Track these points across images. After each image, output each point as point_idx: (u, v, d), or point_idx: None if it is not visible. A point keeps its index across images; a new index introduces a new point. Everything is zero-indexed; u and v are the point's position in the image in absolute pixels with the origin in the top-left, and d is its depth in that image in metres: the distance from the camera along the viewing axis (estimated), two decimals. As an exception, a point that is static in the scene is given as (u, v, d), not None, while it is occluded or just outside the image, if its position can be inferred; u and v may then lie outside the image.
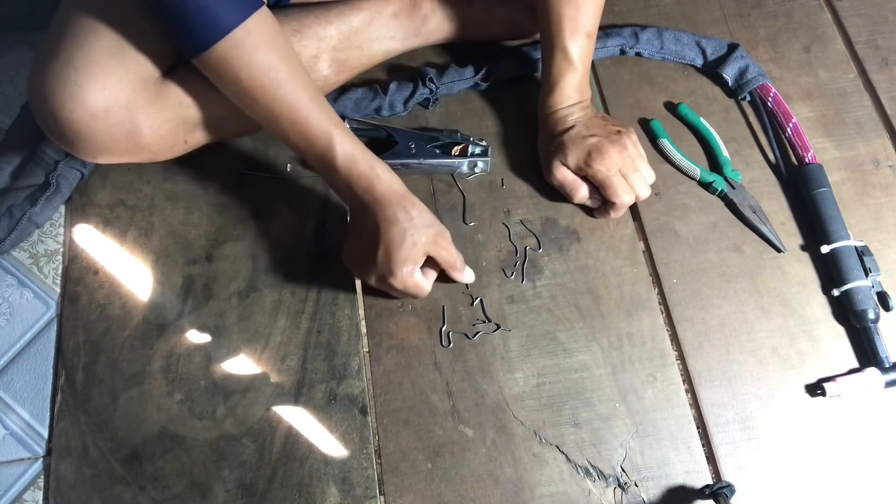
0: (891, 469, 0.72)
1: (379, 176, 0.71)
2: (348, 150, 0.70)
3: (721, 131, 0.88)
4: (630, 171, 0.79)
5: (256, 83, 0.66)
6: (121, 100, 0.69)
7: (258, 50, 0.65)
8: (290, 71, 0.68)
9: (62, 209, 0.84)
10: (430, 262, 0.74)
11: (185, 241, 0.81)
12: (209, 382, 0.75)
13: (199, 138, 0.79)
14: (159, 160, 0.78)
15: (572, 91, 0.81)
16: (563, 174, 0.81)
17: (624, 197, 0.79)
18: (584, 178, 0.81)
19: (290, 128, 0.69)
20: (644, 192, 0.80)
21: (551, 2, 0.78)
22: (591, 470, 0.72)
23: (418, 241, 0.70)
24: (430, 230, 0.72)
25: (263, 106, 0.68)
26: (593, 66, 0.93)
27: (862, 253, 0.79)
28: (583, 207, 0.84)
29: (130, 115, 0.70)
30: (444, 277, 0.76)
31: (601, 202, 0.82)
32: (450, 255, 0.74)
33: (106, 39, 0.67)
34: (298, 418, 0.73)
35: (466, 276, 0.77)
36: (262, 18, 0.66)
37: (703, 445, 0.73)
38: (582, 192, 0.81)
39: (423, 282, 0.73)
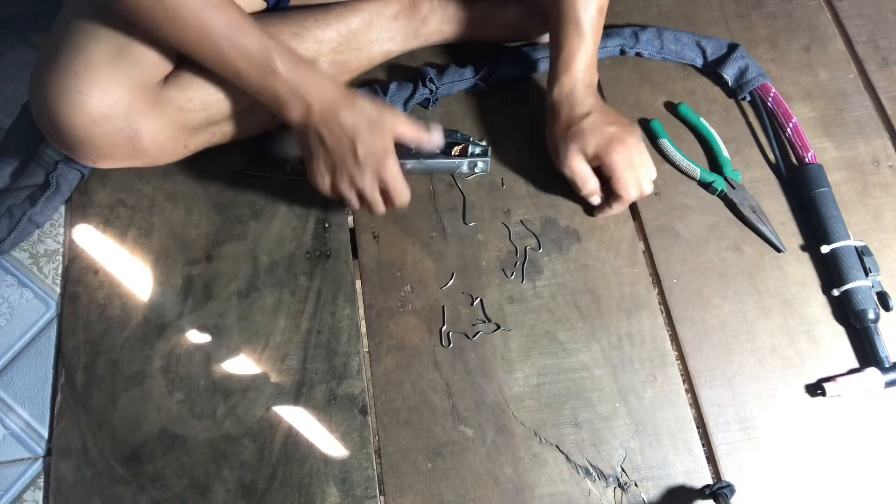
0: (891, 469, 0.72)
1: (323, 77, 0.70)
2: (289, 57, 0.69)
3: (721, 131, 0.88)
4: (640, 166, 0.78)
5: (184, 3, 0.64)
6: (121, 105, 0.69)
7: None
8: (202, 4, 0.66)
9: (62, 209, 0.84)
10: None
11: (185, 241, 0.81)
12: (209, 382, 0.75)
13: (198, 142, 0.79)
14: (159, 164, 0.78)
15: (584, 71, 0.79)
16: (578, 163, 0.79)
17: (632, 191, 0.78)
18: (594, 170, 0.80)
19: (226, 45, 0.67)
20: (649, 189, 0.80)
21: None
22: (591, 470, 0.72)
23: (385, 127, 0.71)
24: (389, 114, 0.72)
25: (194, 27, 0.65)
26: (593, 66, 0.93)
27: (862, 253, 0.79)
28: (584, 206, 0.84)
29: (130, 120, 0.70)
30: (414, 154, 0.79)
31: (604, 198, 0.81)
32: (412, 129, 0.74)
33: (106, 45, 0.68)
34: (298, 418, 0.73)
35: (435, 136, 0.76)
36: None
37: (703, 445, 0.73)
38: (592, 186, 0.80)
39: (405, 184, 0.74)
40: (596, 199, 0.81)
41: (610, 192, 0.80)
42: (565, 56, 0.79)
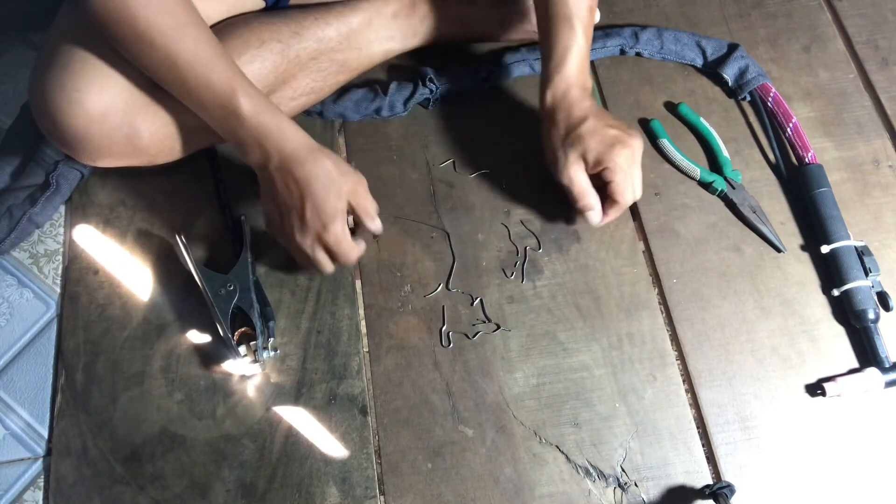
0: (891, 469, 0.72)
1: (289, 128, 0.68)
2: (254, 101, 0.67)
3: (721, 131, 0.88)
4: (636, 170, 0.76)
5: (155, 24, 0.62)
6: (119, 104, 0.69)
7: (131, 7, 0.61)
8: (191, 16, 0.65)
9: (62, 209, 0.84)
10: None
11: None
12: (209, 382, 0.75)
13: (197, 142, 0.79)
14: (158, 163, 0.78)
15: (577, 71, 0.77)
16: (577, 173, 0.76)
17: (628, 196, 0.76)
18: (592, 177, 0.77)
19: (192, 76, 0.65)
20: (640, 194, 0.78)
21: None
22: (591, 470, 0.72)
23: (341, 190, 0.69)
24: (350, 178, 0.71)
25: (162, 51, 0.63)
26: (593, 67, 0.93)
27: (862, 253, 0.79)
28: (570, 214, 0.82)
29: (129, 118, 0.70)
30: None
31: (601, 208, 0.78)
32: (367, 202, 0.73)
33: (104, 44, 0.67)
34: (298, 418, 0.73)
35: (375, 224, 0.74)
36: None
37: (703, 445, 0.73)
38: (590, 199, 0.76)
39: (354, 244, 0.72)
40: (593, 217, 0.77)
41: (605, 197, 0.77)
42: (557, 55, 0.76)
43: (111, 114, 0.69)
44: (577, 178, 0.76)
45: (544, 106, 0.79)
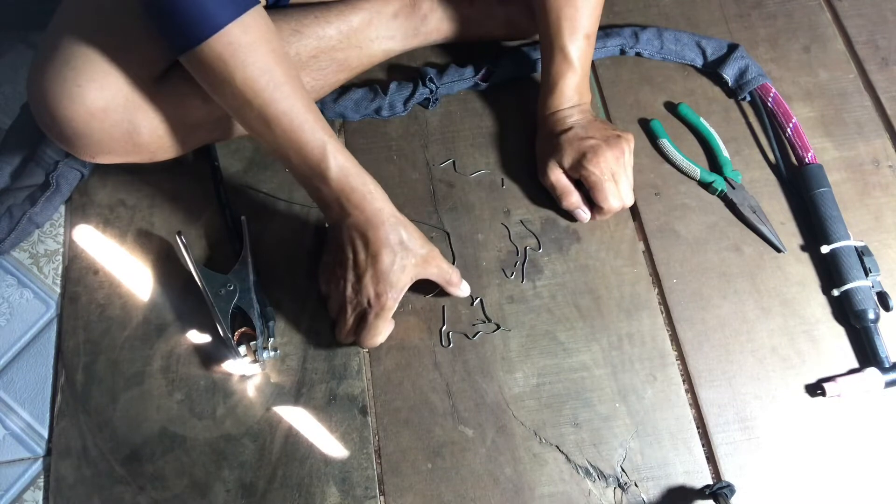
0: (891, 469, 0.72)
1: (372, 192, 0.69)
2: (342, 163, 0.68)
3: (721, 131, 0.88)
4: (622, 177, 0.79)
5: (251, 85, 0.63)
6: (119, 99, 0.69)
7: (254, 49, 0.62)
8: (287, 74, 0.65)
9: (62, 209, 0.84)
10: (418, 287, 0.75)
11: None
12: (209, 382, 0.75)
13: (198, 138, 0.79)
14: (158, 160, 0.77)
15: (571, 92, 0.82)
16: (557, 176, 0.81)
17: (612, 202, 0.79)
18: (577, 182, 0.81)
19: (283, 135, 0.65)
20: (630, 200, 0.80)
21: (550, 2, 0.78)
22: (591, 470, 0.72)
23: (408, 264, 0.70)
24: (420, 252, 0.72)
25: (257, 110, 0.64)
26: (593, 66, 0.93)
27: (862, 253, 0.79)
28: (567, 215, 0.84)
29: (129, 114, 0.70)
30: (443, 292, 0.77)
31: (589, 209, 0.82)
32: (441, 271, 0.74)
33: (104, 39, 0.67)
34: (298, 418, 0.73)
35: (462, 289, 0.77)
36: (257, 16, 0.63)
37: (703, 445, 0.73)
38: (573, 199, 0.81)
39: (388, 325, 0.72)
40: (581, 214, 0.82)
41: (592, 202, 0.81)
42: (552, 80, 0.81)
43: (112, 109, 0.68)
44: (557, 181, 0.81)
45: (538, 118, 0.85)
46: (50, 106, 0.67)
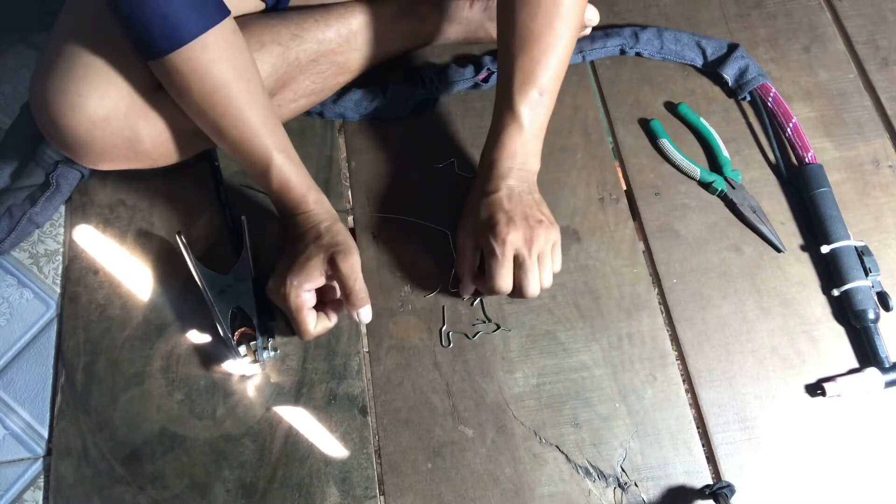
0: (891, 469, 0.72)
1: (308, 201, 0.73)
2: (284, 178, 0.71)
3: (721, 131, 0.88)
4: (526, 263, 0.69)
5: (206, 98, 0.66)
6: (120, 108, 0.69)
7: (212, 66, 0.64)
8: (243, 90, 0.67)
9: (62, 209, 0.84)
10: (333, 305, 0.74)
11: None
12: (209, 382, 0.75)
13: (198, 145, 0.79)
14: (160, 166, 0.78)
15: (516, 148, 0.73)
16: (464, 240, 0.74)
17: (498, 282, 0.70)
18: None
19: (233, 145, 0.70)
20: (532, 290, 0.70)
21: (504, 44, 0.72)
22: (591, 470, 0.72)
23: (314, 255, 0.69)
24: (335, 248, 0.69)
25: (211, 120, 0.68)
26: (593, 66, 0.93)
27: (862, 253, 0.79)
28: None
29: (130, 122, 0.70)
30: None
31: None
32: (348, 275, 0.68)
33: (105, 48, 0.68)
34: (298, 418, 0.73)
35: (363, 314, 0.69)
36: (222, 33, 0.64)
37: (703, 445, 0.73)
38: (462, 270, 0.75)
39: (309, 314, 0.70)
40: (464, 290, 0.76)
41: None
42: (495, 130, 0.74)
43: (113, 118, 0.69)
44: (462, 246, 0.75)
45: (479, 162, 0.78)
46: (52, 115, 0.68)
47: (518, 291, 0.71)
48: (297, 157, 0.73)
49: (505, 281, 0.70)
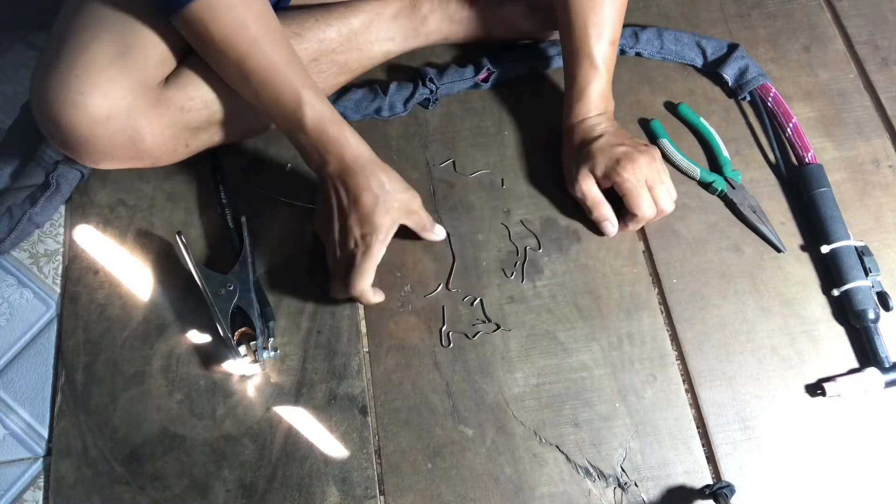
0: (891, 469, 0.72)
1: (348, 140, 0.71)
2: (318, 112, 0.69)
3: (721, 131, 0.88)
4: (656, 184, 0.78)
5: (229, 41, 0.66)
6: (122, 106, 0.69)
7: (231, 8, 0.65)
8: (264, 29, 0.67)
9: (62, 209, 0.84)
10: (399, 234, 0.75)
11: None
12: (209, 382, 0.75)
13: (200, 143, 0.79)
14: (161, 165, 0.78)
15: (598, 100, 0.81)
16: (588, 186, 0.80)
17: (646, 209, 0.77)
18: (606, 192, 0.80)
19: (260, 87, 0.68)
20: (668, 206, 0.79)
21: (575, 9, 0.78)
22: (591, 470, 0.72)
23: (391, 207, 0.71)
24: (403, 195, 0.73)
25: (235, 63, 0.67)
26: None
27: (862, 253, 0.79)
28: (592, 226, 0.83)
29: (132, 121, 0.70)
30: (414, 235, 0.78)
31: (618, 220, 0.81)
32: (420, 218, 0.75)
33: (107, 46, 0.68)
34: (298, 418, 0.73)
35: (437, 233, 0.78)
36: None
37: (703, 445, 0.73)
38: (603, 210, 0.80)
39: (370, 290, 0.72)
40: (608, 227, 0.81)
41: (625, 210, 0.79)
42: (578, 88, 0.81)
43: (114, 116, 0.69)
44: (589, 191, 0.80)
45: (564, 128, 0.84)
46: (53, 114, 0.68)
47: (660, 211, 0.79)
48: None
49: (650, 206, 0.78)
